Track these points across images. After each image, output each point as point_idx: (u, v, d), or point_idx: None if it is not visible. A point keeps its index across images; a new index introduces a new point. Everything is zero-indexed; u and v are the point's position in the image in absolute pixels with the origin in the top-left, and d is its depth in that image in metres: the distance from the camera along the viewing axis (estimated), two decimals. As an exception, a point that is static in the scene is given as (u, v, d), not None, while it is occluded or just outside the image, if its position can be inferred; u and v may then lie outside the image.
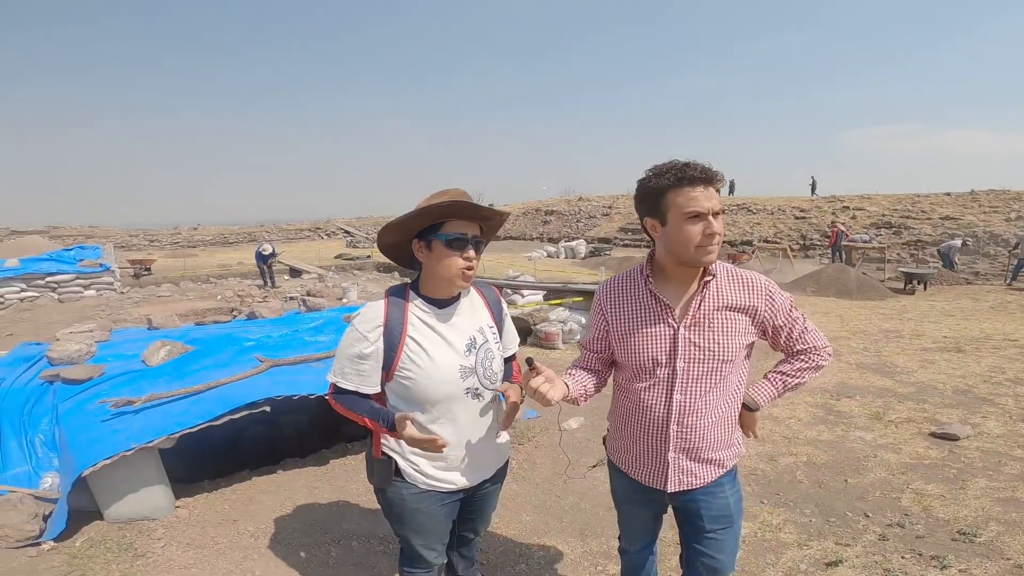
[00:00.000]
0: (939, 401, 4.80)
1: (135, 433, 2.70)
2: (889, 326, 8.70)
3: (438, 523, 1.75)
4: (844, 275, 13.24)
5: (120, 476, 2.80)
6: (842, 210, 22.74)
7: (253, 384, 3.09)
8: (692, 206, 1.44)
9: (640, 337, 1.60)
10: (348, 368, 1.61)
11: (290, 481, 3.39)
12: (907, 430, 4.17)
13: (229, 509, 3.08)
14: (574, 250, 23.16)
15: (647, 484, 1.70)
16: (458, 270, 1.59)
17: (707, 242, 1.47)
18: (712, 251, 1.49)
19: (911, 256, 18.01)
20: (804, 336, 1.62)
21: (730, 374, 1.59)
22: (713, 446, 1.62)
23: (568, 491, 3.29)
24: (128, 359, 3.71)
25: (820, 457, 3.73)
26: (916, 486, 3.26)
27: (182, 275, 16.82)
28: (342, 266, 19.69)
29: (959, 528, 2.78)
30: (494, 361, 1.72)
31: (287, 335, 4.41)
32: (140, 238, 31.18)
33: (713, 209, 1.45)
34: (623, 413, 1.74)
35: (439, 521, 1.74)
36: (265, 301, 9.49)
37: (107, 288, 13.33)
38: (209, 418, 2.82)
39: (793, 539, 2.76)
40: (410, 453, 1.67)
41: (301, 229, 35.60)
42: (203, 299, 12.21)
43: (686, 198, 1.45)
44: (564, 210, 32.26)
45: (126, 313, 10.26)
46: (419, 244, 1.62)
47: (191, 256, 24.53)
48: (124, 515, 2.87)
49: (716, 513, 1.66)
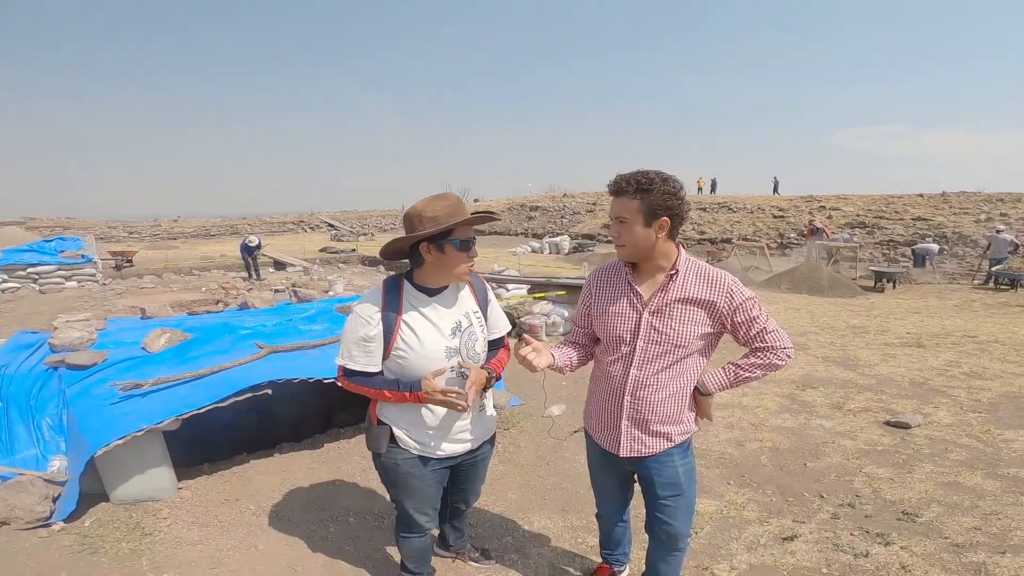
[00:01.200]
0: (896, 392, 5.13)
1: (145, 415, 2.85)
2: (857, 322, 9.09)
3: (429, 487, 1.99)
4: (817, 273, 13.69)
5: (126, 458, 2.93)
6: (819, 209, 23.33)
7: (255, 368, 3.27)
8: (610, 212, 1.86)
9: (611, 316, 1.88)
10: (356, 351, 1.83)
11: (288, 463, 3.57)
12: (864, 419, 4.48)
13: (230, 489, 3.25)
14: (558, 246, 23.42)
15: (605, 448, 1.97)
16: (466, 268, 1.86)
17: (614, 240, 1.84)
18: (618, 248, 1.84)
19: (883, 255, 18.61)
20: (763, 336, 1.81)
21: (684, 359, 1.83)
22: (662, 420, 1.86)
23: (551, 472, 3.53)
24: (128, 346, 3.85)
25: (783, 443, 4.01)
26: (868, 470, 3.56)
27: (164, 267, 16.72)
28: (327, 259, 19.70)
29: (904, 509, 3.06)
30: (477, 343, 1.96)
31: (281, 324, 4.58)
32: (119, 230, 30.68)
33: (614, 215, 1.80)
34: (594, 381, 2.02)
35: (430, 486, 1.98)
36: (253, 292, 9.57)
37: (89, 279, 13.23)
38: (215, 400, 2.98)
39: (755, 516, 3.03)
40: (403, 422, 1.90)
41: (284, 222, 35.35)
42: (187, 291, 12.20)
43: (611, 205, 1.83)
44: (548, 206, 32.51)
45: (111, 304, 10.25)
46: (429, 246, 1.83)
47: (172, 248, 24.30)
48: (130, 496, 2.99)
49: (666, 481, 1.91)
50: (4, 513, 2.74)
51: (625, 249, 1.81)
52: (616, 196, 1.77)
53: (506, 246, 24.31)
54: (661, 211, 1.73)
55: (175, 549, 2.69)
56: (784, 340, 1.83)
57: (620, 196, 1.76)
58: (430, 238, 1.81)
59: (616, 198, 1.77)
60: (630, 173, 1.76)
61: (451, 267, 1.84)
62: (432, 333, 1.86)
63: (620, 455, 1.91)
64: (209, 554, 2.66)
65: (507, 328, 2.15)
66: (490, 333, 2.05)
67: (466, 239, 1.83)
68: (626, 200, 1.74)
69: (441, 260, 1.83)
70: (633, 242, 1.77)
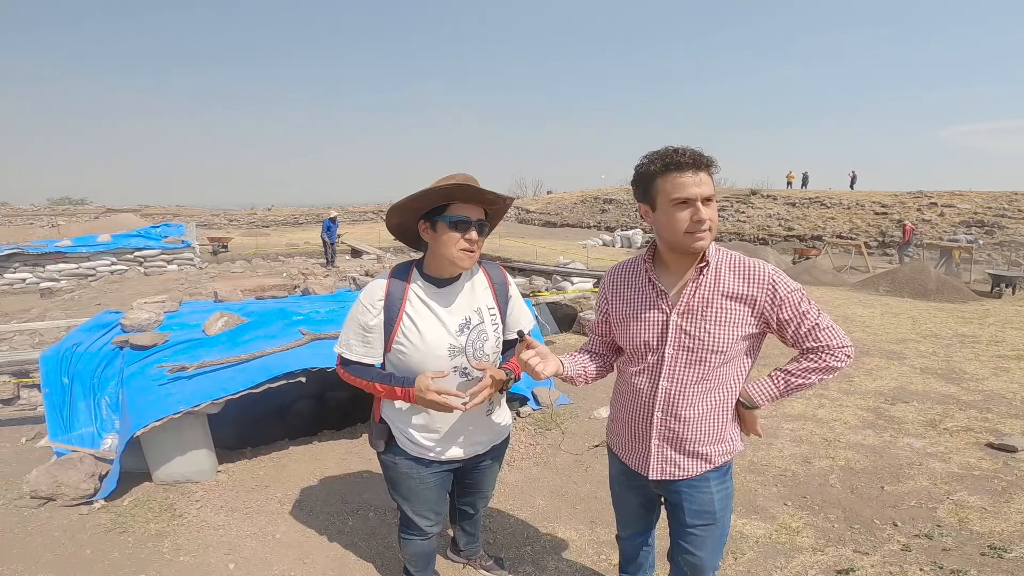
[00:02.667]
0: (1005, 411, 4.45)
1: (185, 397, 2.95)
2: (966, 330, 8.07)
3: (429, 491, 1.85)
4: (922, 275, 12.33)
5: (168, 439, 3.05)
6: (929, 206, 21.12)
7: (294, 355, 3.30)
8: (679, 192, 1.44)
9: (634, 321, 1.62)
10: (353, 340, 1.72)
11: (323, 452, 3.61)
12: (962, 439, 3.91)
13: (263, 475, 3.32)
14: (630, 239, 22.76)
15: (633, 468, 1.73)
16: (459, 250, 1.66)
17: (695, 228, 1.45)
18: (702, 238, 1.47)
19: (1003, 258, 16.52)
20: (816, 333, 1.53)
21: (722, 366, 1.55)
22: (700, 439, 1.60)
23: (587, 479, 3.32)
24: (191, 328, 4.03)
25: (859, 462, 3.57)
26: (957, 497, 3.08)
27: (255, 253, 17.88)
28: (400, 247, 20.27)
29: (990, 543, 2.62)
30: (487, 343, 1.78)
31: (334, 311, 4.65)
32: (221, 217, 33.21)
33: (702, 195, 1.44)
34: (618, 395, 1.77)
35: (430, 489, 1.85)
36: (324, 279, 9.96)
37: (187, 263, 14.37)
38: (250, 385, 3.04)
39: (809, 543, 2.68)
40: (399, 422, 1.78)
41: (365, 211, 36.80)
42: (271, 276, 12.93)
43: (673, 184, 1.44)
44: (623, 199, 31.65)
45: (202, 287, 11.05)
46: (425, 225, 1.69)
47: (263, 235, 25.97)
48: (171, 476, 3.12)
49: (698, 508, 1.65)
50: (51, 489, 2.91)
51: (710, 236, 1.48)
52: (697, 171, 1.44)
53: (577, 239, 23.95)
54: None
55: (199, 532, 2.76)
56: (841, 337, 1.54)
57: (702, 170, 1.45)
58: (426, 215, 1.67)
59: (697, 173, 1.44)
60: (680, 148, 1.46)
61: (444, 249, 1.66)
62: (435, 328, 1.71)
63: (649, 477, 1.68)
64: (228, 540, 2.71)
65: (531, 326, 1.94)
66: (508, 332, 1.87)
67: (461, 218, 1.64)
68: (708, 176, 1.46)
69: (435, 241, 1.68)
70: (716, 225, 1.50)
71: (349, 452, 3.62)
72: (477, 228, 1.67)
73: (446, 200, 1.64)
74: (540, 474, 3.38)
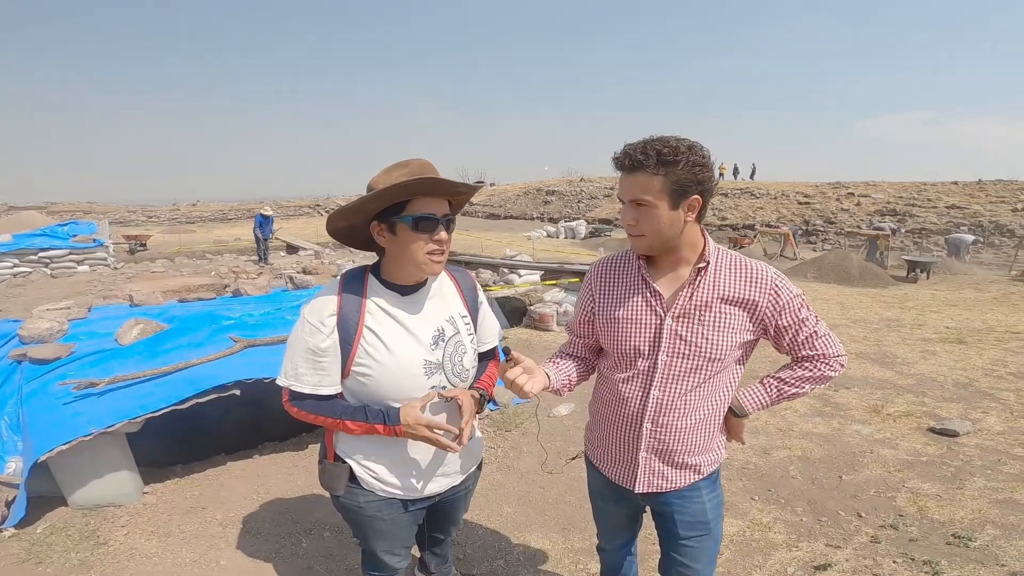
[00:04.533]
0: (939, 395, 4.68)
1: (97, 417, 2.58)
2: (891, 315, 8.57)
3: (401, 529, 1.61)
4: (846, 261, 13.09)
5: (83, 461, 2.70)
6: (847, 196, 22.49)
7: (225, 365, 2.96)
8: (620, 193, 1.43)
9: (624, 324, 1.47)
10: (303, 368, 1.41)
11: (265, 467, 3.29)
12: (905, 424, 4.05)
13: (199, 496, 2.98)
14: (574, 230, 22.98)
15: (616, 482, 1.59)
16: (427, 255, 1.40)
17: (628, 230, 1.43)
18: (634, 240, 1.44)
19: (915, 244, 17.82)
20: (812, 341, 1.44)
21: (717, 375, 1.44)
22: (690, 450, 1.49)
23: (553, 483, 3.18)
24: (102, 337, 3.58)
25: (815, 451, 3.62)
26: (912, 484, 3.15)
27: (178, 251, 16.70)
28: (339, 243, 19.54)
29: (954, 531, 2.67)
30: (465, 356, 1.54)
31: (269, 313, 4.28)
32: (138, 214, 30.98)
33: (629, 197, 1.39)
34: (600, 403, 1.61)
35: (402, 528, 1.61)
36: (256, 278, 9.36)
37: (100, 264, 13.17)
38: (174, 401, 2.69)
39: (782, 539, 2.65)
40: (365, 459, 1.51)
41: (301, 206, 35.36)
42: (197, 275, 12.06)
43: (620, 183, 1.43)
44: (565, 190, 31.98)
45: (117, 289, 10.12)
46: (380, 227, 1.41)
47: (188, 232, 24.39)
48: (89, 501, 2.77)
49: (691, 519, 1.54)
50: (-52, 520, 2.49)
51: (644, 240, 1.39)
52: (630, 172, 1.35)
53: (521, 230, 23.93)
54: (692, 187, 1.32)
55: (128, 562, 2.44)
56: (837, 346, 1.46)
57: (636, 172, 1.33)
58: (379, 215, 1.40)
59: (629, 175, 1.35)
60: (644, 141, 1.33)
61: (409, 254, 1.40)
62: (406, 343, 1.44)
63: (636, 491, 1.54)
64: (165, 569, 2.40)
65: (499, 337, 1.73)
66: (480, 344, 1.64)
67: (426, 216, 1.38)
68: (645, 177, 1.32)
69: (396, 245, 1.42)
70: (656, 230, 1.36)
71: (296, 466, 3.31)
72: (445, 225, 1.42)
73: (406, 196, 1.38)
74: (505, 479, 3.20)
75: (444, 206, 1.44)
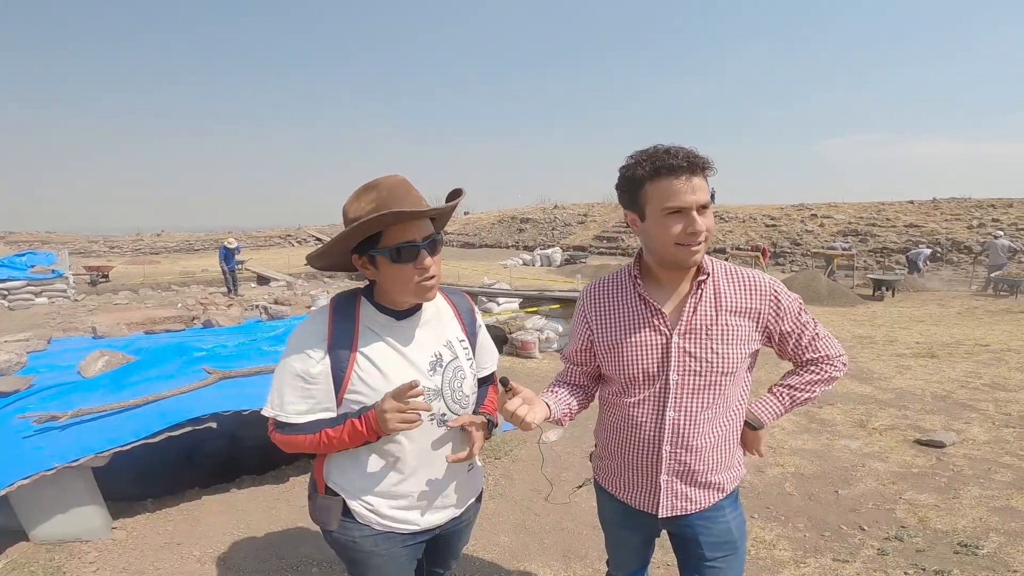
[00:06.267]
0: (920, 407, 4.74)
1: (60, 451, 2.40)
2: (862, 332, 8.75)
3: (399, 565, 1.48)
4: (815, 282, 13.40)
5: (46, 495, 2.52)
6: (810, 218, 23.20)
7: (198, 397, 2.79)
8: (672, 200, 1.26)
9: (628, 347, 1.40)
10: (291, 396, 1.31)
11: (245, 501, 3.10)
12: (892, 438, 4.07)
13: (173, 531, 2.78)
14: (550, 258, 23.07)
15: (636, 507, 1.51)
16: (415, 284, 1.31)
17: (689, 241, 1.28)
18: (696, 251, 1.29)
19: (877, 263, 18.41)
20: (815, 343, 1.43)
21: (730, 387, 1.40)
22: (712, 468, 1.43)
23: (549, 509, 3.07)
24: (63, 370, 3.38)
25: (807, 467, 3.59)
26: (908, 496, 3.14)
27: (142, 282, 16.14)
28: (313, 273, 19.16)
29: (959, 540, 2.65)
30: (465, 382, 1.45)
31: (244, 344, 4.11)
32: (100, 244, 30.04)
33: (698, 203, 1.26)
34: (610, 431, 1.53)
35: (401, 563, 1.48)
36: (228, 309, 9.09)
37: (60, 295, 12.68)
38: (145, 435, 2.52)
39: (789, 556, 2.58)
40: (359, 491, 1.39)
41: (271, 236, 34.80)
42: (162, 307, 11.67)
43: (665, 190, 1.26)
44: (539, 218, 32.26)
45: (78, 321, 9.71)
46: (361, 261, 1.34)
47: (153, 263, 23.67)
48: (53, 536, 2.59)
49: (717, 540, 1.47)
50: None
51: (701, 250, 1.31)
52: (691, 175, 1.26)
53: (497, 259, 23.93)
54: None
55: (98, 605, 2.24)
56: (837, 346, 1.46)
57: (697, 174, 1.27)
58: (356, 248, 1.32)
59: (691, 178, 1.26)
60: (672, 147, 1.28)
61: (398, 285, 1.32)
62: (403, 369, 1.35)
63: (659, 515, 1.47)
64: (137, 614, 2.20)
65: (497, 361, 1.65)
66: (479, 368, 1.55)
67: (404, 245, 1.28)
68: (701, 180, 1.28)
69: (380, 277, 1.34)
70: (710, 238, 1.31)
71: (277, 500, 3.12)
72: (428, 249, 1.32)
73: (379, 228, 1.28)
74: (499, 508, 3.07)
75: (424, 227, 1.34)
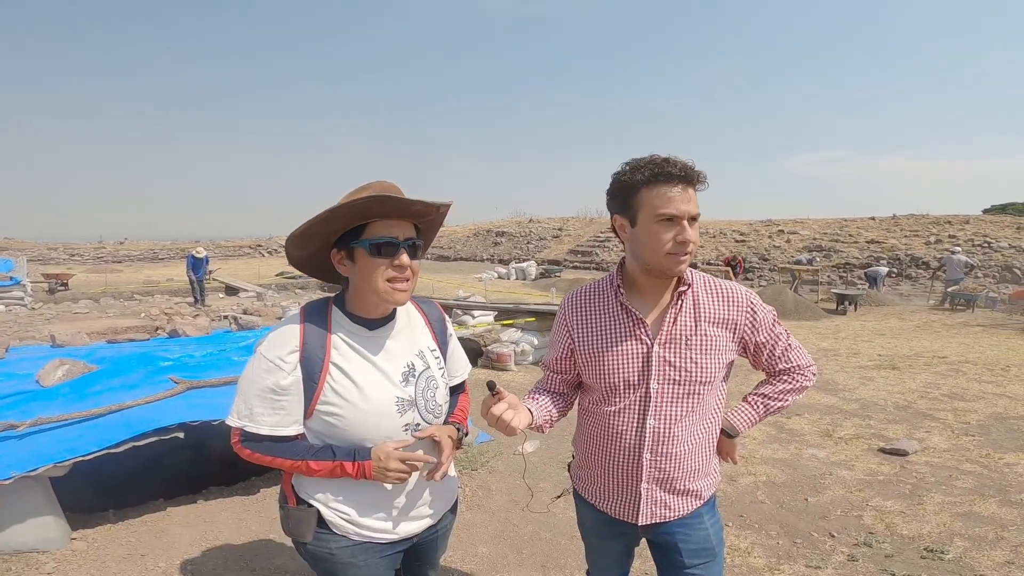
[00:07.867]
0: (883, 417, 4.89)
1: (18, 460, 2.32)
2: (826, 345, 8.99)
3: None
4: (782, 296, 13.74)
5: (2, 505, 2.43)
6: (777, 233, 23.84)
7: (165, 407, 2.72)
8: (666, 207, 1.30)
9: (610, 355, 1.42)
10: (259, 407, 1.28)
11: (212, 512, 3.00)
12: (857, 446, 4.18)
13: (136, 542, 2.68)
14: (525, 271, 23.14)
15: (616, 516, 1.52)
16: (388, 282, 1.31)
17: (678, 250, 1.32)
18: (683, 260, 1.33)
19: (840, 278, 18.99)
20: (787, 354, 1.48)
21: (708, 396, 1.44)
22: (691, 475, 1.46)
23: (527, 520, 3.05)
24: (20, 379, 3.25)
25: (778, 476, 3.66)
26: (875, 503, 3.22)
27: (103, 291, 15.61)
28: (283, 284, 18.84)
29: (925, 545, 2.74)
30: (437, 391, 1.45)
31: (212, 354, 4.01)
32: (60, 252, 28.99)
33: (690, 213, 1.31)
34: (590, 439, 1.54)
35: (379, 574, 1.46)
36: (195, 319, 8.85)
37: (17, 303, 12.20)
38: (107, 445, 2.44)
39: (763, 563, 2.63)
40: (334, 501, 1.36)
41: (241, 246, 34.10)
42: (124, 317, 11.28)
43: (661, 197, 1.31)
44: (514, 232, 32.38)
45: (35, 330, 9.32)
46: (339, 254, 1.33)
47: (115, 272, 22.91)
48: (8, 546, 2.50)
49: (696, 546, 1.49)
50: None
51: (688, 261, 1.36)
52: (686, 186, 1.31)
53: (472, 272, 23.90)
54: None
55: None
56: (807, 357, 1.52)
57: (693, 185, 1.33)
58: (338, 241, 1.32)
59: (686, 188, 1.32)
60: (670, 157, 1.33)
61: (370, 283, 1.30)
62: (376, 380, 1.34)
63: (639, 523, 1.48)
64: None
65: (468, 370, 1.66)
66: (450, 377, 1.55)
67: (385, 240, 1.28)
68: (694, 192, 1.34)
69: (356, 274, 1.33)
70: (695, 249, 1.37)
71: (246, 511, 3.03)
72: (408, 250, 1.33)
73: (364, 219, 1.29)
74: (476, 519, 3.04)
75: (408, 229, 1.35)
